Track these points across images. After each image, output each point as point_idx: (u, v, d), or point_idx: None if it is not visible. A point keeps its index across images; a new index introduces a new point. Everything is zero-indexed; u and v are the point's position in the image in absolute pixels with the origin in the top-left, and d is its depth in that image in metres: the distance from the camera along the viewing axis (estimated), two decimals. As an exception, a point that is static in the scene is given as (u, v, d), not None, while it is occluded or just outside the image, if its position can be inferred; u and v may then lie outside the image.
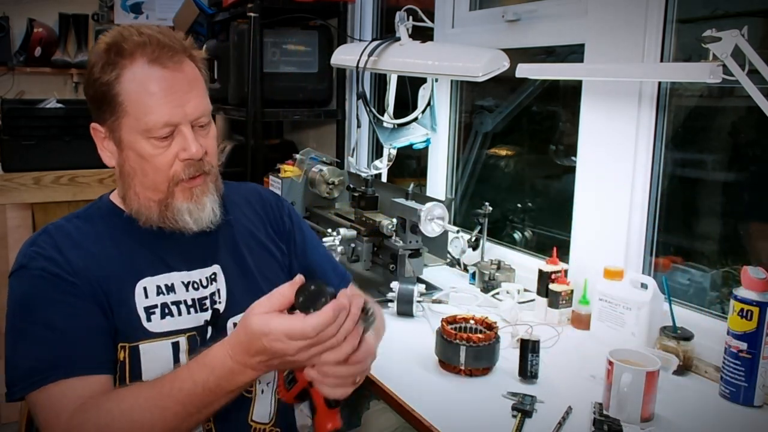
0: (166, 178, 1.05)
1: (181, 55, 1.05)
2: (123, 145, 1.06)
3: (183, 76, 1.04)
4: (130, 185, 1.08)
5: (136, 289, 1.06)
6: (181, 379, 0.93)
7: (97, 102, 1.06)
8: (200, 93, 1.07)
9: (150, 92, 1.01)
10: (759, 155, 1.53)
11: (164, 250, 1.10)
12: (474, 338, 1.33)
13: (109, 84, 1.03)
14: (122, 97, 1.02)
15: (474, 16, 2.16)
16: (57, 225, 1.10)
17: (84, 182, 2.43)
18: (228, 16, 2.84)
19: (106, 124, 1.07)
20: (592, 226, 1.67)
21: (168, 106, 1.02)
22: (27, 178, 2.35)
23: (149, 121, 1.02)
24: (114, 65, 1.02)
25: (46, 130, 2.38)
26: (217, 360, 0.92)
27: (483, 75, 1.65)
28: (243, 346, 0.90)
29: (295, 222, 1.30)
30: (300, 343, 0.88)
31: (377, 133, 2.15)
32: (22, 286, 1.03)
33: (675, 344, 1.39)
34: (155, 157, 1.04)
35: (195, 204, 1.07)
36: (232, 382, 0.92)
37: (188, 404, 0.92)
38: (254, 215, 1.24)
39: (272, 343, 0.88)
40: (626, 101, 1.56)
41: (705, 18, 1.56)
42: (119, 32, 1.05)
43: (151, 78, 1.02)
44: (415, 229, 1.75)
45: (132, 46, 1.02)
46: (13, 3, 3.29)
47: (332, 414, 0.99)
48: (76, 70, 3.40)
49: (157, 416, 0.92)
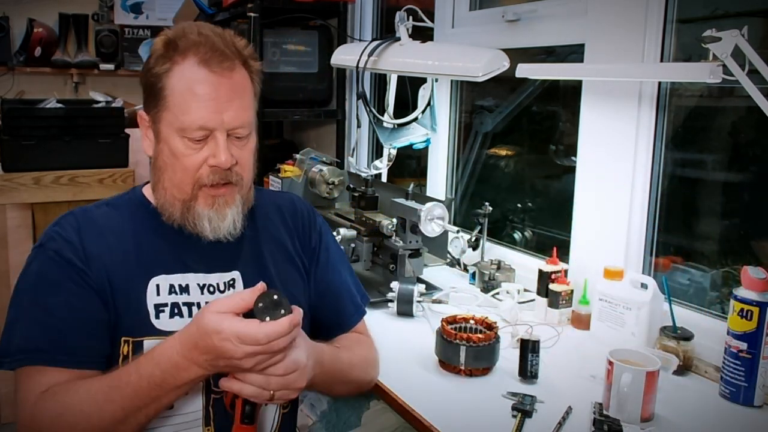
0: (191, 179, 1.05)
1: (233, 62, 1.04)
2: (160, 137, 1.07)
3: (229, 83, 1.03)
4: (160, 178, 1.08)
5: (148, 286, 1.06)
6: (128, 373, 0.93)
7: (147, 91, 1.07)
8: (244, 104, 1.06)
9: (193, 92, 1.02)
10: (759, 155, 1.53)
11: (185, 250, 1.10)
12: (474, 338, 1.33)
13: (159, 76, 1.04)
14: (167, 91, 1.03)
15: (474, 16, 2.16)
16: (84, 209, 1.11)
17: (84, 182, 2.43)
18: (228, 16, 2.84)
19: (150, 114, 1.08)
20: (592, 226, 1.67)
21: (206, 110, 1.02)
22: (27, 178, 2.35)
23: (185, 120, 1.02)
24: (168, 59, 1.03)
25: (46, 130, 2.38)
26: (164, 355, 0.92)
27: (483, 75, 1.65)
28: (192, 342, 0.91)
29: (324, 241, 1.26)
30: (248, 348, 0.88)
31: (377, 133, 2.15)
32: (36, 264, 1.05)
33: (675, 344, 1.39)
34: (185, 157, 1.04)
35: (216, 213, 1.07)
36: (178, 378, 0.92)
37: (135, 398, 0.92)
38: (284, 225, 1.23)
39: (222, 342, 0.88)
40: (626, 101, 1.56)
41: (705, 18, 1.56)
42: (182, 28, 1.06)
43: (197, 79, 1.02)
44: (415, 229, 1.75)
45: (187, 44, 1.03)
46: (13, 3, 3.29)
47: (246, 430, 0.99)
48: (76, 70, 3.39)
49: (105, 409, 0.92)
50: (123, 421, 0.93)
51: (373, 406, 1.58)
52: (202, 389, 1.07)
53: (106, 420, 0.92)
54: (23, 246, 2.36)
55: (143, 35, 3.48)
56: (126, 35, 3.46)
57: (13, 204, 2.37)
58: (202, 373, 0.93)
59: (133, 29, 3.46)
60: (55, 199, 2.38)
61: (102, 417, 0.92)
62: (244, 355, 0.89)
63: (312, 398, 1.71)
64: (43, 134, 2.38)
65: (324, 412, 1.66)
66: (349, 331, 1.27)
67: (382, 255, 1.84)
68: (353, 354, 1.20)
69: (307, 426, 1.64)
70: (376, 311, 1.65)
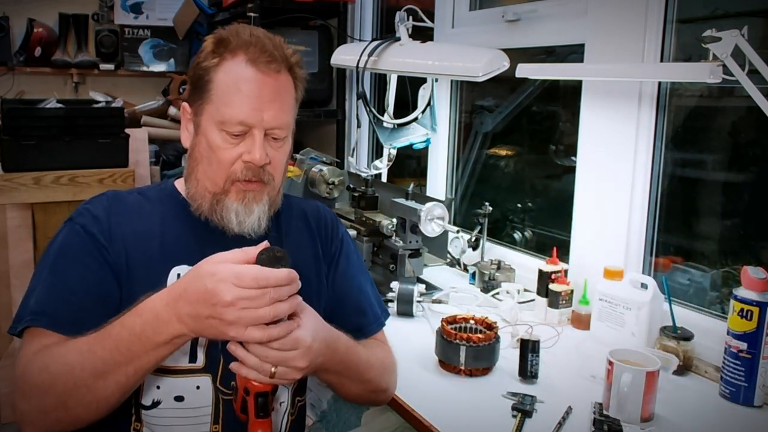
0: (225, 173, 1.08)
1: (279, 65, 1.07)
2: (200, 129, 1.09)
3: (273, 84, 1.07)
4: (194, 170, 1.11)
5: (170, 273, 1.08)
6: (112, 325, 0.93)
7: (193, 83, 1.10)
8: (284, 107, 1.09)
9: (237, 88, 1.05)
10: (759, 155, 1.53)
11: (210, 245, 1.09)
12: (474, 338, 1.33)
13: (207, 69, 1.07)
14: (213, 84, 1.06)
15: (474, 16, 2.16)
16: (117, 192, 1.15)
17: (84, 182, 2.42)
18: (228, 16, 2.84)
19: (193, 106, 1.11)
20: (592, 226, 1.67)
21: (248, 107, 1.05)
22: (27, 178, 2.34)
23: (226, 113, 1.05)
24: (218, 55, 1.07)
25: (46, 130, 2.38)
26: (147, 306, 0.91)
27: (483, 75, 1.65)
28: (180, 290, 0.90)
29: (345, 249, 1.27)
30: (242, 291, 0.86)
31: (377, 133, 2.15)
32: (61, 236, 1.08)
33: (675, 344, 1.39)
34: (222, 150, 1.07)
35: (245, 207, 1.09)
36: (158, 331, 0.90)
37: (114, 351, 0.91)
38: (307, 230, 1.24)
39: (216, 284, 0.86)
40: (626, 101, 1.56)
41: (705, 18, 1.56)
42: (235, 29, 1.09)
43: (243, 76, 1.05)
44: (415, 229, 1.75)
45: (238, 42, 1.06)
46: (13, 3, 3.28)
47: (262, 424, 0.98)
48: (76, 70, 3.39)
49: (87, 359, 0.91)
50: (103, 376, 0.91)
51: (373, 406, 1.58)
52: (213, 385, 1.08)
53: (87, 371, 0.91)
54: (23, 246, 2.35)
55: (143, 35, 3.47)
56: (126, 35, 3.45)
57: (13, 204, 2.36)
58: (181, 329, 0.90)
59: (133, 29, 3.46)
60: (55, 199, 2.37)
61: (83, 368, 0.91)
62: (233, 299, 0.86)
63: (312, 398, 1.71)
64: (43, 134, 2.37)
65: (324, 412, 1.66)
66: None
67: (382, 255, 1.84)
68: (371, 353, 1.18)
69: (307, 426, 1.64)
70: (376, 311, 1.64)
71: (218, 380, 1.08)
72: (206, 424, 1.08)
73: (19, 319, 1.01)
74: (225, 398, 1.09)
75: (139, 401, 1.06)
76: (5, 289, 2.33)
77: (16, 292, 2.30)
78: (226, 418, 1.08)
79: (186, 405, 1.07)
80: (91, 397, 0.92)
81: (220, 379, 1.08)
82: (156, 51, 3.49)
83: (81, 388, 0.91)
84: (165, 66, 3.50)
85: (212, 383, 1.08)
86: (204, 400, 1.08)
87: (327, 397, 1.67)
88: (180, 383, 1.07)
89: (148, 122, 3.10)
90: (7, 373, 2.32)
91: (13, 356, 2.31)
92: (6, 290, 2.33)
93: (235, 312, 0.87)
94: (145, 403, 1.07)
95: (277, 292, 0.88)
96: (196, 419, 1.08)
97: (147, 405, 1.07)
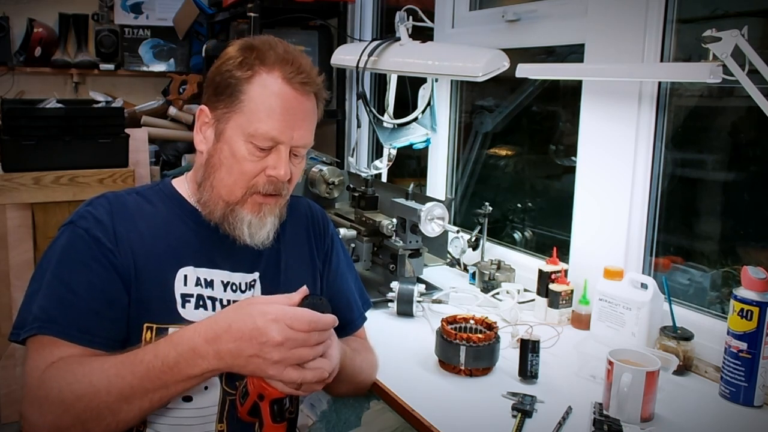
0: (246, 184, 1.08)
1: (312, 87, 1.09)
2: (223, 137, 1.09)
3: (306, 105, 1.09)
4: (210, 176, 1.11)
5: (177, 274, 1.08)
6: (144, 352, 0.93)
7: (219, 90, 1.09)
8: (311, 127, 1.11)
9: (272, 104, 1.06)
10: (759, 155, 1.53)
11: (212, 246, 1.13)
12: (474, 338, 1.33)
13: (239, 79, 1.07)
14: (245, 95, 1.06)
15: (474, 16, 2.16)
16: (116, 194, 1.13)
17: (84, 182, 2.42)
18: (228, 16, 2.84)
19: (216, 112, 1.10)
20: (592, 226, 1.67)
21: (281, 124, 1.06)
22: (27, 178, 2.34)
23: (259, 128, 1.05)
24: (251, 66, 1.07)
25: (46, 130, 2.38)
26: (184, 338, 0.92)
27: (483, 75, 1.65)
28: (222, 327, 0.90)
29: (335, 245, 1.31)
30: (292, 333, 0.88)
31: (377, 133, 2.15)
32: (63, 239, 1.06)
33: (675, 344, 1.39)
34: (246, 162, 1.07)
35: (259, 220, 1.10)
36: (192, 365, 0.90)
37: (144, 378, 0.91)
38: (301, 231, 1.26)
39: (268, 323, 0.88)
40: (626, 101, 1.56)
41: (705, 18, 1.56)
42: (266, 41, 1.10)
43: (280, 93, 1.06)
44: (415, 229, 1.75)
45: (276, 58, 1.07)
46: (13, 3, 3.28)
47: (278, 429, 1.00)
48: (76, 70, 3.39)
49: (114, 384, 0.91)
50: (129, 400, 0.91)
51: (373, 406, 1.58)
52: (220, 385, 1.09)
53: (113, 396, 0.91)
54: (23, 246, 2.36)
55: (143, 35, 3.48)
56: (126, 35, 3.45)
57: (13, 204, 2.36)
58: (217, 365, 0.91)
59: (133, 29, 3.46)
60: (55, 199, 2.37)
61: (110, 392, 0.91)
62: (284, 339, 0.88)
63: (312, 398, 1.71)
64: (43, 134, 2.37)
65: (324, 412, 1.66)
66: (351, 335, 1.30)
67: (382, 255, 1.84)
68: (363, 358, 1.23)
69: (307, 426, 1.64)
70: (376, 311, 1.65)
71: (224, 380, 1.09)
72: (212, 423, 1.09)
73: (21, 326, 1.00)
74: (231, 398, 1.09)
75: None
76: (5, 289, 2.33)
77: (16, 292, 2.30)
78: (230, 417, 1.09)
79: (193, 405, 1.08)
80: (111, 419, 0.92)
81: (225, 379, 1.09)
82: (156, 51, 3.50)
83: (104, 410, 0.91)
84: (165, 66, 3.51)
85: (220, 383, 1.09)
86: (211, 400, 1.09)
87: (327, 397, 1.67)
88: None
89: (148, 122, 3.10)
90: (7, 374, 2.32)
91: (13, 357, 2.31)
92: (6, 290, 2.33)
93: (282, 352, 0.89)
94: None
95: (321, 335, 0.92)
96: (202, 419, 1.09)
97: None
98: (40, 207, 2.39)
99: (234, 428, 1.10)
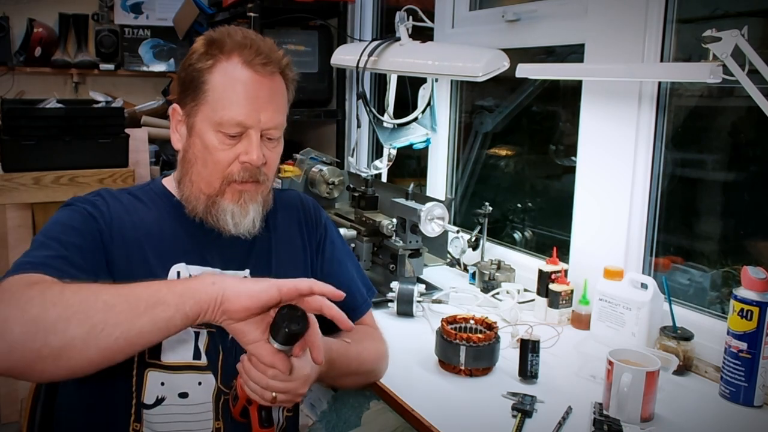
0: (221, 174, 1.08)
1: (273, 67, 1.09)
2: (194, 131, 1.09)
3: (269, 86, 1.08)
4: (188, 171, 1.11)
5: (170, 271, 1.08)
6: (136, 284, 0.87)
7: (185, 85, 1.10)
8: (279, 108, 1.10)
9: (235, 90, 1.06)
10: (759, 155, 1.53)
11: (204, 245, 1.13)
12: (474, 338, 1.33)
13: (201, 71, 1.07)
14: (208, 86, 1.07)
15: (474, 16, 2.16)
16: (110, 191, 1.14)
17: (84, 182, 2.42)
18: (228, 16, 2.84)
19: (185, 108, 1.11)
20: (592, 226, 1.67)
21: (246, 108, 1.06)
22: (27, 178, 2.35)
23: (224, 115, 1.05)
24: (211, 56, 1.07)
25: (46, 130, 2.38)
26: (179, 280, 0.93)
27: (483, 75, 1.65)
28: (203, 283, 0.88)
29: (329, 234, 1.30)
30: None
31: (377, 133, 2.15)
32: (59, 215, 1.06)
33: (675, 344, 1.39)
34: (218, 152, 1.07)
35: (240, 208, 1.10)
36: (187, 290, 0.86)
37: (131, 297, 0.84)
38: (293, 222, 1.26)
39: None
40: (626, 101, 1.56)
41: (705, 18, 1.56)
42: (226, 30, 1.10)
43: (240, 78, 1.06)
44: (415, 229, 1.75)
45: (233, 44, 1.07)
46: (13, 3, 3.28)
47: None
48: (76, 70, 3.39)
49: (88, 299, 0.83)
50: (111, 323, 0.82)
51: (373, 406, 1.58)
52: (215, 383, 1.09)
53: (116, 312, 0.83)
54: (23, 246, 2.33)
55: (143, 35, 3.48)
56: (126, 35, 3.45)
57: (13, 204, 2.36)
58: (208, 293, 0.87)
59: (133, 29, 3.46)
60: (55, 199, 2.37)
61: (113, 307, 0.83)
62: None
63: (312, 398, 1.71)
64: (43, 134, 2.37)
65: (324, 412, 1.66)
66: (356, 323, 1.28)
67: (382, 255, 1.84)
68: (363, 347, 1.21)
69: (307, 426, 1.64)
70: (376, 311, 1.64)
71: (219, 379, 1.09)
72: (209, 421, 1.09)
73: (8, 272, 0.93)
74: (226, 397, 1.09)
75: (141, 401, 1.07)
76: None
77: (16, 292, 2.29)
78: (227, 415, 1.09)
79: (189, 401, 1.08)
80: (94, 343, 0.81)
81: (221, 378, 1.10)
82: (156, 51, 3.50)
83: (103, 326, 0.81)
84: (165, 66, 3.51)
85: (214, 380, 1.09)
86: (206, 397, 1.09)
87: (327, 397, 1.67)
88: (184, 379, 1.08)
89: (148, 122, 3.10)
90: (7, 373, 2.32)
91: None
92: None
93: None
94: (147, 402, 1.07)
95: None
96: (199, 416, 1.09)
97: (149, 404, 1.07)
98: (40, 207, 2.40)
99: (230, 427, 1.10)
